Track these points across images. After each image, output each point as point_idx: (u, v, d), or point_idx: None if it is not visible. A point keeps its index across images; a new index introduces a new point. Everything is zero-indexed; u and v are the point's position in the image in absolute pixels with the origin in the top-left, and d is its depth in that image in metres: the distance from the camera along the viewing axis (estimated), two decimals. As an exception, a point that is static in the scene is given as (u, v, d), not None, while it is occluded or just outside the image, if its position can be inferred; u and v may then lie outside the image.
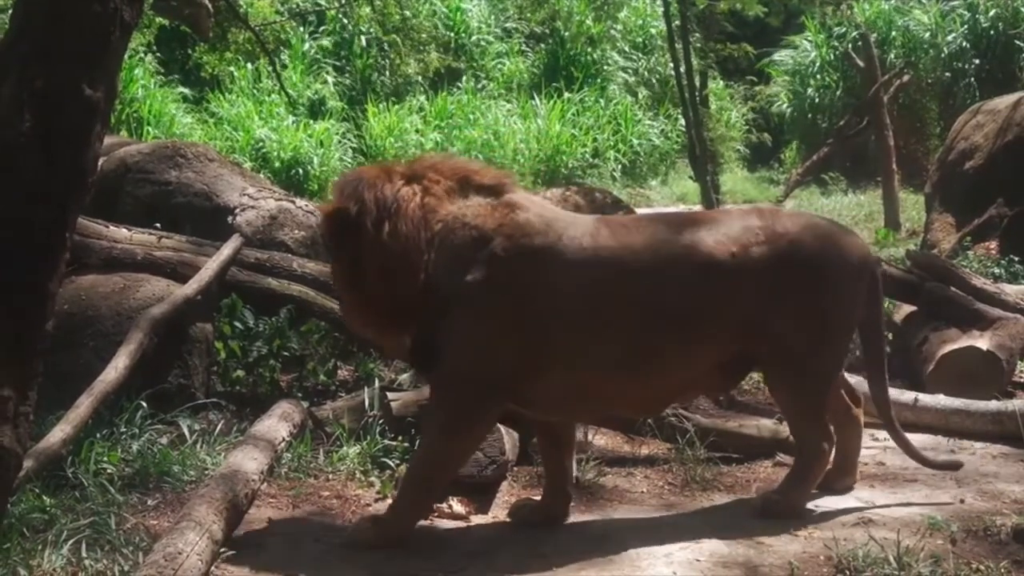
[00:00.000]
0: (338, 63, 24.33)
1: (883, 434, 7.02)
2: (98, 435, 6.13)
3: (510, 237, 5.33)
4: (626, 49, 26.50)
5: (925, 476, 6.19)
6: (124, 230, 8.06)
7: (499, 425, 6.01)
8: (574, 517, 5.70)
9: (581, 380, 5.40)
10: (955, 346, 7.66)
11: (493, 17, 26.50)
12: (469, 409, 5.36)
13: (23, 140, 3.78)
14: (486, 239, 5.32)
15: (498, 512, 5.80)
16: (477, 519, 5.73)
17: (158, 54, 22.85)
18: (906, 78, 19.98)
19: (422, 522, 5.55)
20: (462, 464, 5.60)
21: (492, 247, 5.30)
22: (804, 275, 5.55)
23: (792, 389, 5.76)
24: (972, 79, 22.77)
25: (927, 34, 23.85)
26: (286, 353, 7.70)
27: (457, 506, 5.78)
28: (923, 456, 6.09)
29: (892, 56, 23.15)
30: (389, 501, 5.82)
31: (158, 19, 18.90)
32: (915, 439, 6.90)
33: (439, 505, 5.77)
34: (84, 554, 4.92)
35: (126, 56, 4.54)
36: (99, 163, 4.18)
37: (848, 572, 4.83)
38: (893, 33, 24.18)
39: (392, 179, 5.49)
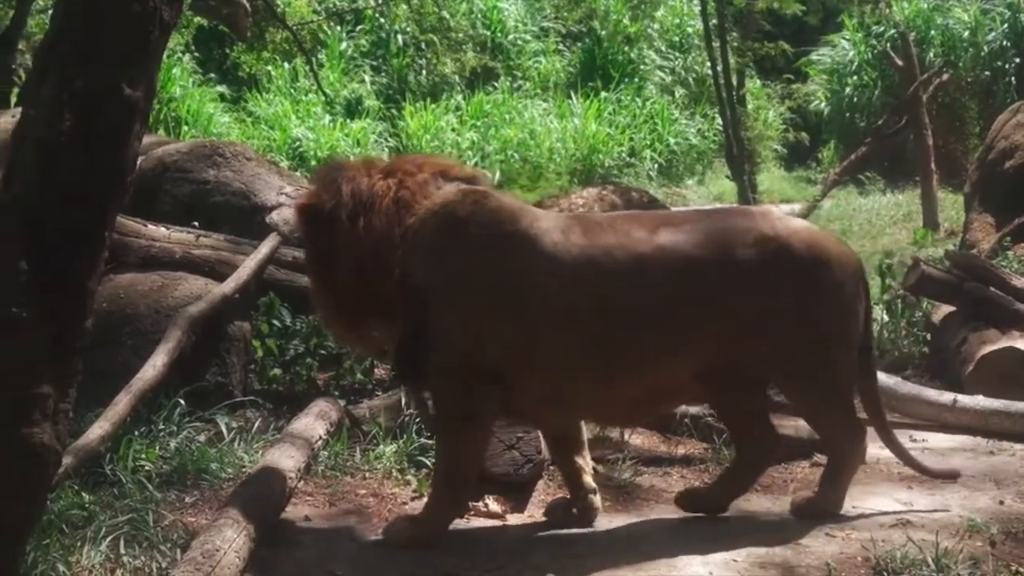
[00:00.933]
0: (375, 62, 24.36)
1: (921, 434, 7.00)
2: (136, 432, 6.16)
3: (482, 223, 5.32)
4: (663, 48, 26.41)
5: (964, 478, 6.15)
6: (162, 229, 8.10)
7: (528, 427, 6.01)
8: (609, 517, 5.69)
9: (556, 381, 5.32)
10: (994, 347, 7.61)
11: (530, 16, 26.47)
12: (461, 402, 5.34)
13: (63, 140, 3.80)
14: (459, 226, 5.31)
15: (534, 511, 5.80)
16: (513, 518, 5.73)
17: (196, 54, 22.96)
18: (945, 77, 19.83)
19: (458, 521, 5.56)
20: (476, 456, 5.51)
21: (465, 234, 5.30)
22: (796, 281, 5.41)
23: (803, 398, 5.75)
24: (1012, 78, 22.59)
25: (967, 32, 23.67)
26: (323, 351, 7.72)
27: (493, 505, 5.78)
28: (921, 465, 6.04)
29: (931, 55, 22.99)
30: (425, 500, 5.83)
31: (196, 19, 19.01)
32: (954, 440, 6.88)
33: (475, 504, 5.78)
34: (123, 551, 4.95)
35: (164, 56, 4.55)
36: (138, 162, 4.20)
37: (886, 574, 4.81)
38: (932, 31, 24.01)
39: (371, 173, 5.50)
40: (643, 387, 5.40)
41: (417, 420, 6.54)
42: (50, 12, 4.44)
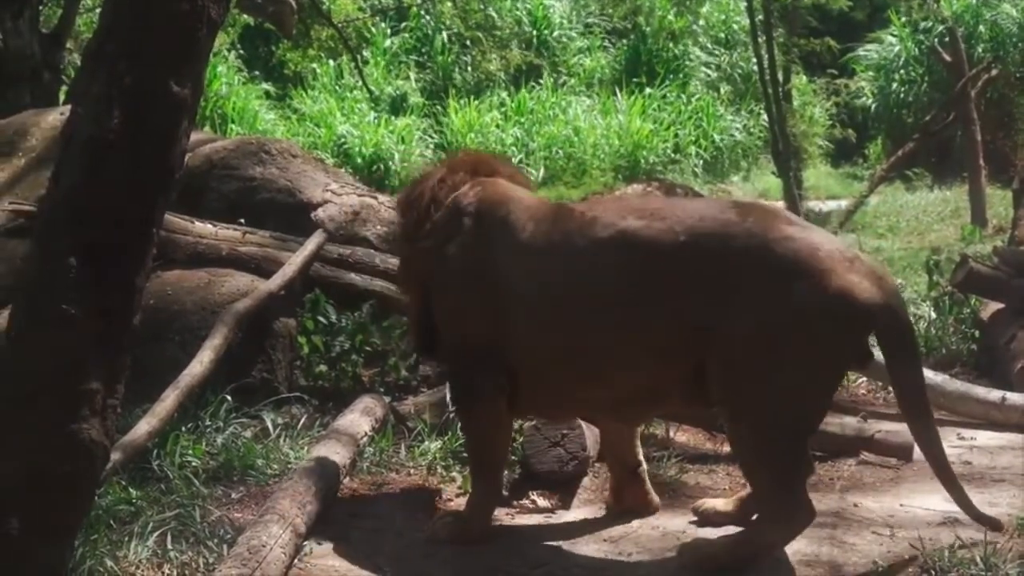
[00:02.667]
0: (420, 59, 24.42)
1: (969, 432, 6.95)
2: (183, 428, 6.20)
3: (471, 212, 5.41)
4: (708, 44, 26.33)
5: (1012, 476, 6.11)
6: (209, 226, 8.14)
7: (580, 421, 6.00)
8: (656, 514, 5.67)
9: (537, 370, 5.25)
10: (1044, 344, 7.56)
11: (575, 13, 26.45)
12: (468, 382, 5.42)
13: (111, 138, 3.84)
14: (455, 214, 5.44)
15: (580, 507, 5.79)
16: (559, 515, 5.72)
17: (242, 51, 23.09)
18: (994, 72, 19.66)
19: (504, 518, 5.57)
20: (493, 438, 5.45)
21: (457, 221, 5.40)
22: (763, 297, 4.74)
23: (739, 443, 5.10)
24: (1062, 73, 22.44)
25: (1016, 27, 23.48)
26: (368, 348, 7.73)
27: (540, 501, 5.78)
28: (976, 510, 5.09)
29: (979, 50, 22.81)
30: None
31: (243, 17, 19.10)
32: (1002, 438, 6.83)
33: (521, 501, 5.79)
34: (169, 546, 4.98)
35: (211, 53, 4.58)
36: (185, 160, 4.22)
37: (934, 572, 4.78)
38: (980, 27, 23.83)
39: (432, 175, 5.68)
40: (616, 383, 5.15)
41: (462, 417, 6.55)
42: (98, 11, 4.47)
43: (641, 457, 5.71)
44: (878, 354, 5.08)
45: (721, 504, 5.55)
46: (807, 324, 4.64)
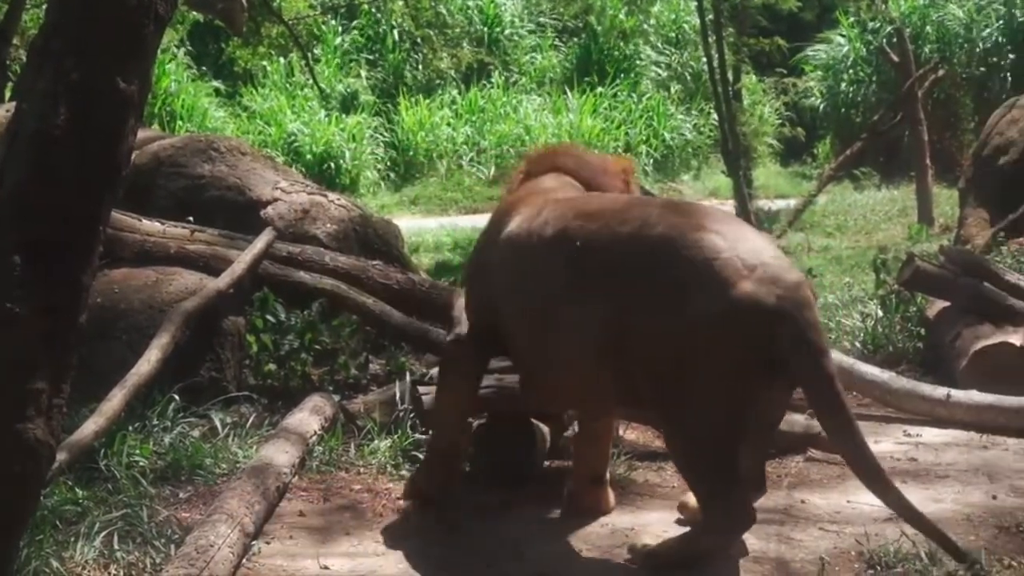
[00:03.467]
0: (370, 57, 24.39)
1: (915, 429, 7.01)
2: (130, 428, 6.17)
3: (495, 212, 5.87)
4: (659, 44, 26.42)
5: (957, 473, 6.17)
6: (157, 224, 8.10)
7: (531, 419, 6.03)
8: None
9: (516, 362, 5.59)
10: (988, 342, 7.62)
11: (526, 11, 26.49)
12: (451, 350, 5.96)
13: (57, 134, 3.80)
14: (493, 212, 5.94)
15: (531, 505, 5.79)
16: (510, 512, 5.72)
17: (191, 48, 22.96)
18: (940, 73, 19.82)
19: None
20: (450, 404, 5.78)
21: (490, 218, 5.90)
22: (665, 298, 4.72)
23: (666, 436, 5.28)
24: (1007, 74, 22.63)
25: (962, 28, 23.70)
26: (318, 347, 7.72)
27: (491, 498, 5.79)
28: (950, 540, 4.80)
29: (926, 51, 23.00)
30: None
31: (192, 14, 18.99)
32: (947, 435, 6.89)
33: (472, 498, 5.79)
34: (116, 546, 4.95)
35: (159, 50, 4.56)
36: (132, 157, 4.19)
37: (879, 568, 4.82)
38: (927, 28, 24.04)
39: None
40: (564, 378, 5.22)
41: (412, 415, 6.54)
42: (45, 7, 4.44)
43: (607, 465, 5.76)
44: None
45: None
46: (703, 333, 4.60)
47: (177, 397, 6.59)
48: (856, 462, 4.76)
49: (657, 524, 5.43)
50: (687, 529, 5.15)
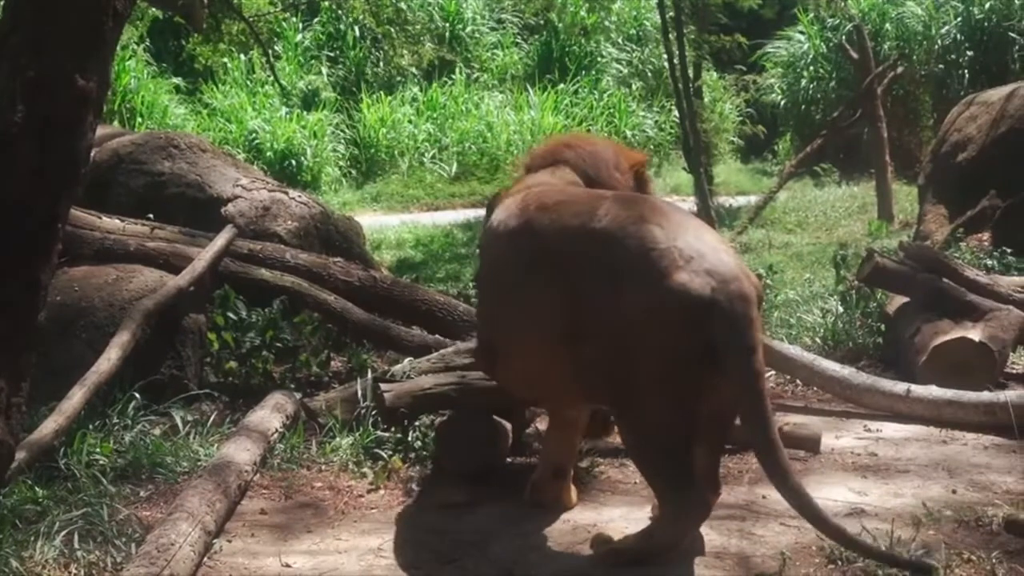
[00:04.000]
0: (331, 54, 24.33)
1: (875, 424, 7.04)
2: (91, 426, 6.14)
3: (489, 206, 5.91)
4: (620, 41, 26.46)
5: (917, 467, 6.20)
6: (117, 221, 8.07)
7: (493, 416, 6.03)
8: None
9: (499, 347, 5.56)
10: (948, 337, 7.66)
11: (487, 8, 26.47)
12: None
13: (16, 131, 3.79)
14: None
15: (493, 502, 5.79)
16: (471, 509, 5.72)
17: (151, 45, 22.85)
18: (900, 70, 19.94)
19: (416, 513, 5.58)
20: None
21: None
22: (605, 289, 4.78)
23: (618, 429, 5.34)
24: (966, 71, 22.75)
25: (921, 26, 23.83)
26: (279, 344, 7.71)
27: (453, 495, 5.78)
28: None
29: (886, 48, 23.12)
30: (382, 493, 5.85)
31: (151, 10, 18.87)
32: (907, 430, 6.93)
33: (434, 496, 5.79)
34: (77, 545, 4.93)
35: (118, 47, 4.53)
36: (92, 154, 4.17)
37: (840, 563, 4.84)
38: (887, 25, 24.16)
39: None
40: (531, 368, 5.26)
41: (374, 412, 6.53)
42: (2, 3, 4.41)
43: (572, 460, 5.77)
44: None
45: None
46: (640, 323, 4.66)
47: (138, 395, 6.56)
48: (768, 464, 4.72)
49: (620, 520, 5.44)
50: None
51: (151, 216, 8.39)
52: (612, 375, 4.79)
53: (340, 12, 23.49)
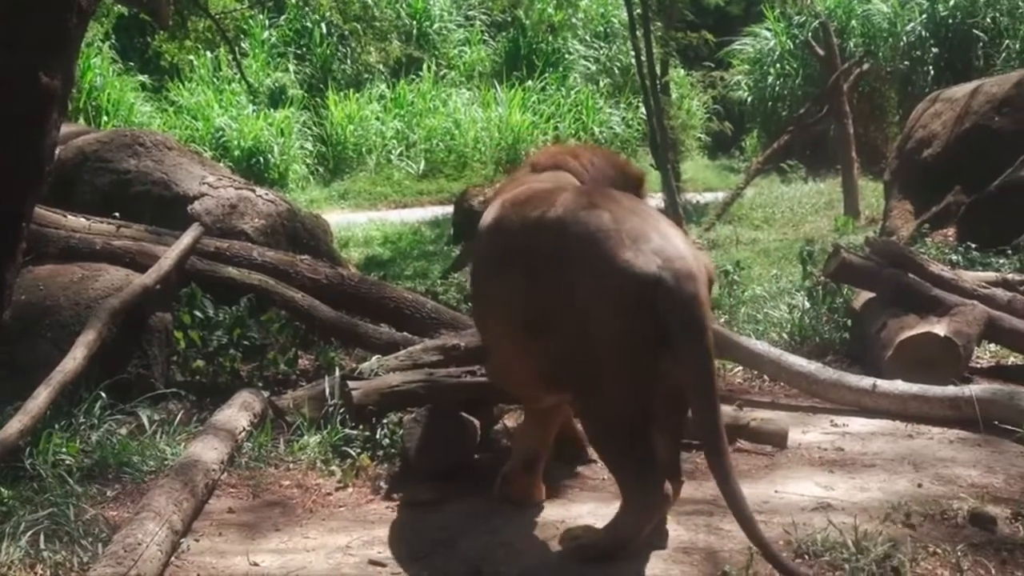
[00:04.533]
0: (298, 51, 24.29)
1: (841, 419, 7.07)
2: (56, 426, 6.11)
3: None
4: (587, 38, 26.51)
5: (883, 462, 6.23)
6: (82, 219, 8.04)
7: (461, 413, 6.03)
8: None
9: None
10: (913, 332, 7.71)
11: (455, 5, 26.48)
12: None
13: (-22, 129, 3.76)
14: None
15: (460, 499, 5.79)
16: (439, 506, 5.72)
17: (116, 43, 22.75)
18: (865, 67, 20.04)
19: (384, 510, 5.58)
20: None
21: None
22: (559, 275, 4.83)
23: (580, 418, 5.50)
24: (930, 68, 22.91)
25: (886, 23, 23.97)
26: (246, 342, 7.69)
27: (420, 492, 5.78)
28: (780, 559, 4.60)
29: (851, 45, 23.26)
30: (350, 491, 5.85)
31: (117, 7, 18.78)
32: (873, 424, 6.97)
33: (401, 493, 5.79)
34: (43, 546, 4.91)
35: (83, 44, 4.52)
36: (56, 152, 4.15)
37: (807, 556, 4.86)
38: (853, 22, 24.30)
39: None
40: (510, 358, 5.30)
41: (342, 410, 6.52)
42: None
43: (544, 455, 5.78)
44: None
45: None
46: (590, 306, 4.71)
47: (104, 395, 6.53)
48: (710, 449, 4.71)
49: (587, 516, 5.44)
50: None
51: (117, 214, 8.36)
52: (571, 362, 4.82)
53: (307, 9, 23.46)
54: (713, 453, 4.66)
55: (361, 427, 6.39)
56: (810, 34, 21.64)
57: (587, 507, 5.61)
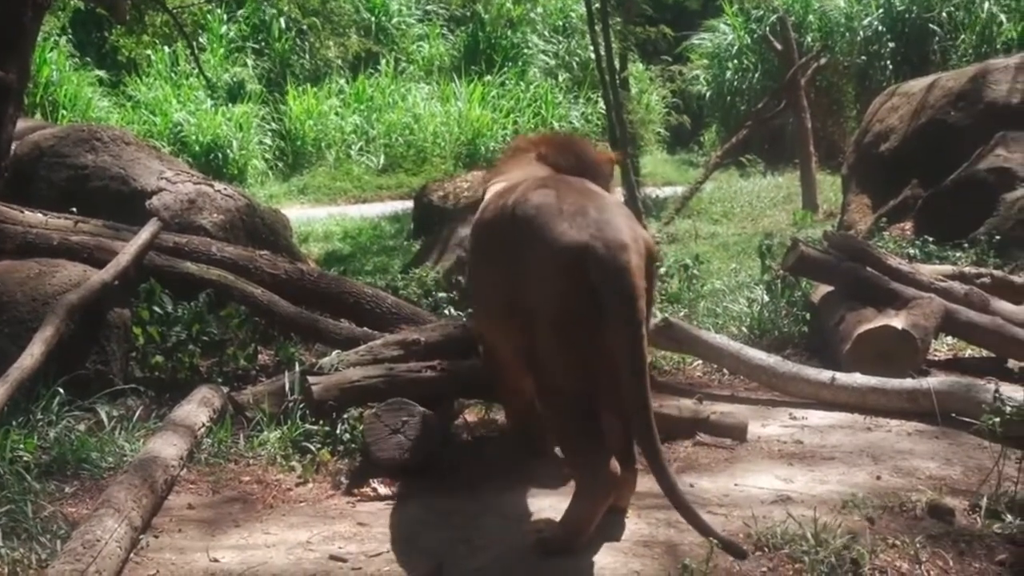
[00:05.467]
0: (257, 46, 24.20)
1: (800, 412, 7.11)
2: (14, 423, 6.06)
3: None
4: (546, 32, 26.54)
5: (842, 454, 6.26)
6: (39, 215, 7.98)
7: (421, 408, 6.03)
8: (500, 499, 5.69)
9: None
10: (871, 325, 7.75)
11: (414, 0, 26.44)
12: None
13: (-67, 123, 3.73)
14: None
15: (422, 495, 5.79)
16: (400, 502, 5.71)
17: (73, 37, 22.61)
18: (823, 61, 20.16)
19: (344, 506, 5.57)
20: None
21: None
22: (510, 254, 5.11)
23: (537, 399, 5.46)
24: (887, 62, 23.06)
25: (843, 17, 24.11)
26: (205, 338, 7.65)
27: (381, 488, 5.78)
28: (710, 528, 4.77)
29: (809, 39, 23.39)
30: (310, 486, 5.84)
31: (73, 1, 18.66)
32: (832, 417, 7.00)
33: (362, 489, 5.78)
34: (1, 543, 4.86)
35: (39, 39, 4.48)
36: (12, 147, 4.12)
37: (767, 549, 4.88)
38: (810, 16, 24.44)
39: None
40: (502, 348, 5.59)
41: (302, 406, 6.50)
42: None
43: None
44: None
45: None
46: (532, 278, 4.95)
47: (62, 391, 6.48)
48: (638, 419, 4.84)
49: (548, 511, 5.44)
50: None
51: (74, 210, 8.30)
52: (526, 339, 5.04)
53: (265, 3, 23.38)
54: (639, 428, 4.83)
55: (321, 422, 6.37)
56: (768, 29, 21.72)
57: (548, 501, 5.61)
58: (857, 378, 7.23)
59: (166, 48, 22.19)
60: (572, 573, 4.79)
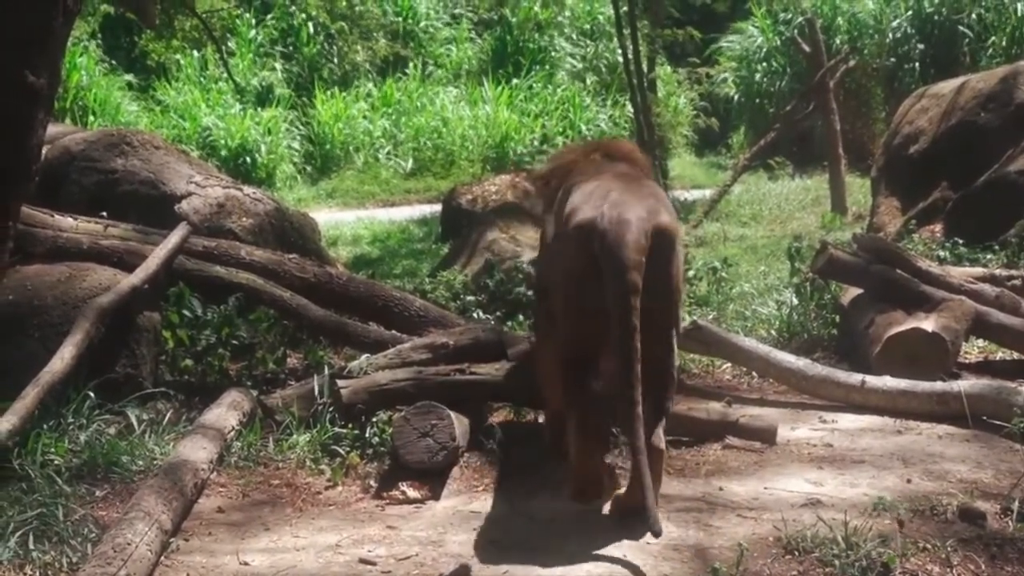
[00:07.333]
0: (285, 50, 24.26)
1: (831, 415, 7.08)
2: (45, 426, 6.08)
3: None
4: (574, 35, 26.52)
5: (872, 457, 6.23)
6: (70, 219, 8.01)
7: (450, 412, 6.03)
8: (527, 501, 5.69)
9: None
10: (901, 328, 7.71)
11: (441, 3, 26.47)
12: None
13: (-36, 129, 3.75)
14: None
15: (450, 498, 5.79)
16: (429, 505, 5.72)
17: (103, 42, 22.72)
18: (852, 63, 20.09)
19: (373, 508, 5.57)
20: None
21: None
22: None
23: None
24: (916, 64, 22.96)
25: (872, 19, 24.01)
26: (235, 341, 7.67)
27: (410, 491, 5.78)
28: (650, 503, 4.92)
29: (838, 41, 23.28)
30: (340, 489, 5.84)
31: (103, 6, 18.75)
32: (862, 420, 6.97)
33: (390, 492, 5.78)
34: (32, 546, 4.89)
35: (69, 44, 4.51)
36: (43, 151, 4.13)
37: (797, 553, 4.86)
38: (839, 19, 24.33)
39: None
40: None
41: (331, 409, 6.51)
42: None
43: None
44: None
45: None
46: (557, 253, 5.66)
47: (92, 394, 6.50)
48: (621, 380, 5.11)
49: (578, 512, 5.44)
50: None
51: (104, 214, 8.34)
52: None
53: (294, 8, 23.45)
54: (621, 385, 5.09)
55: (350, 426, 6.38)
56: (796, 31, 21.66)
57: (575, 504, 5.60)
58: (887, 381, 7.20)
59: (195, 52, 22.28)
60: (601, 576, 4.79)
